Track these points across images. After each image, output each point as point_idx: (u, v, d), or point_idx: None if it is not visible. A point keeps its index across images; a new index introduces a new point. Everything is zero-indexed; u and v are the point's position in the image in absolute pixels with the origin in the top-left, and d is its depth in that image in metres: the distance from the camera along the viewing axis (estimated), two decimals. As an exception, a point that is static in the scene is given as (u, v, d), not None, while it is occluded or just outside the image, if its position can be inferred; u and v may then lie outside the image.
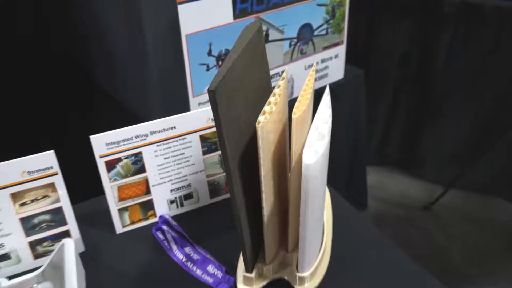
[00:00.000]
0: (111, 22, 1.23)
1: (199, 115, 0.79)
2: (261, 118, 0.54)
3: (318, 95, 0.62)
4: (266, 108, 0.56)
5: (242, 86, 0.57)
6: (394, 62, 1.85)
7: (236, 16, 1.07)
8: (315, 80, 1.37)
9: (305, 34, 1.25)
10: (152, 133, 0.77)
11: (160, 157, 0.80)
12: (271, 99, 0.57)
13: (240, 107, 0.57)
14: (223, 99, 0.51)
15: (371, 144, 2.01)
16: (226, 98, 0.52)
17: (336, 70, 1.39)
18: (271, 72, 1.20)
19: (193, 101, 1.09)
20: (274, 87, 0.61)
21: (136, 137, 0.76)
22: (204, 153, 0.83)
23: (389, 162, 2.06)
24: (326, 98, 0.62)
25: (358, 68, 1.48)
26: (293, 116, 0.54)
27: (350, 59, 1.43)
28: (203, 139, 0.81)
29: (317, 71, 1.33)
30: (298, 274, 0.65)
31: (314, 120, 0.59)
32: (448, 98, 1.81)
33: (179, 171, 0.83)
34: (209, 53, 1.07)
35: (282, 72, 1.22)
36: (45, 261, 0.71)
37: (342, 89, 1.40)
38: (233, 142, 0.55)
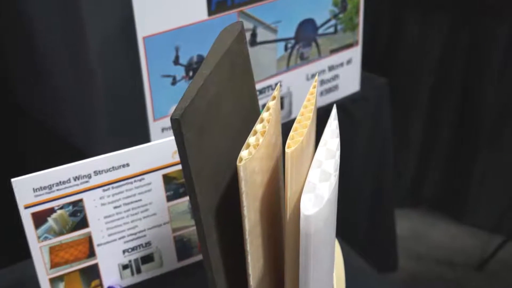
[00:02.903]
0: (42, 22, 1.25)
1: (162, 147, 0.80)
2: (243, 153, 0.55)
3: (326, 112, 0.62)
4: (251, 139, 0.56)
5: (219, 110, 0.58)
6: (429, 69, 1.88)
7: (211, 12, 1.09)
8: (321, 94, 1.40)
9: (306, 33, 1.27)
10: (96, 173, 0.78)
11: (108, 206, 0.80)
12: (258, 127, 0.58)
13: (216, 138, 0.58)
14: (192, 130, 0.52)
15: (401, 180, 2.02)
16: (196, 128, 0.53)
17: (350, 80, 1.41)
18: (261, 85, 1.22)
19: (154, 126, 1.10)
20: (263, 107, 0.62)
21: (75, 179, 0.77)
22: (169, 198, 0.84)
23: (427, 204, 2.07)
24: (333, 123, 0.63)
25: (379, 77, 1.50)
26: (286, 150, 0.54)
27: (369, 65, 1.45)
28: (167, 179, 0.82)
29: (323, 82, 1.35)
30: None
31: (316, 154, 0.59)
32: (507, 121, 1.83)
33: (135, 225, 0.83)
34: (176, 61, 1.09)
35: (276, 84, 1.24)
36: None
37: (358, 105, 1.42)
38: (206, 187, 0.56)
